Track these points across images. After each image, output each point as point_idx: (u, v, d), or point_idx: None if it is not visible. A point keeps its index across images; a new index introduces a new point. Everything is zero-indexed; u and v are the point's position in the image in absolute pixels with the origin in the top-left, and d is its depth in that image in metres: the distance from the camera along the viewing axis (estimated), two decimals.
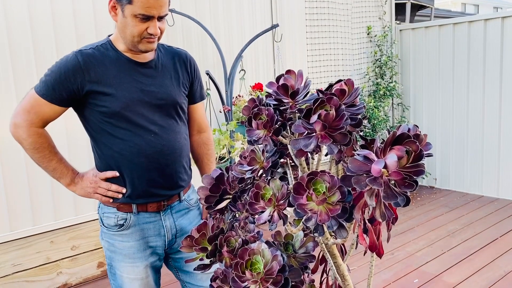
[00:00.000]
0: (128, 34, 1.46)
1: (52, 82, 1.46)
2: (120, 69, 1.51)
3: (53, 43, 2.93)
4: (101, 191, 1.55)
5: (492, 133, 4.81)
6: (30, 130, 1.49)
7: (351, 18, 5.10)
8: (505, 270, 3.13)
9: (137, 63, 1.54)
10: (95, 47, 1.52)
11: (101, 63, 1.49)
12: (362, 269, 3.18)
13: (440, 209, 4.58)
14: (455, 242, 3.68)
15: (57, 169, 1.55)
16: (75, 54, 1.48)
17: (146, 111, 1.52)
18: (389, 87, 5.27)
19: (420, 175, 0.81)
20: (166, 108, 1.57)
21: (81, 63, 1.46)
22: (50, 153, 1.54)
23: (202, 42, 3.74)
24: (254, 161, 1.00)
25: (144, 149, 1.52)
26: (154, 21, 1.44)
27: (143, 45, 1.48)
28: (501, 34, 4.61)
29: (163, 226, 1.61)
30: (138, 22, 1.43)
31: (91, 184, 1.56)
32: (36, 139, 1.50)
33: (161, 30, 1.49)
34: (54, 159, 1.54)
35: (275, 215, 0.94)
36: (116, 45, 1.53)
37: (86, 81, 1.46)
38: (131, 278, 1.57)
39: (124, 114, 1.49)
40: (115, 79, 1.49)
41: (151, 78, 1.55)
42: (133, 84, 1.51)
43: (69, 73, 1.45)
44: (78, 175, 1.59)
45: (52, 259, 3.04)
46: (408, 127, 0.88)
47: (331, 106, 0.88)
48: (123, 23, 1.46)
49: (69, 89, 1.46)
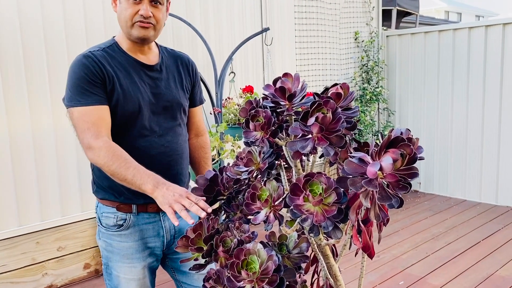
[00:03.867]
0: (123, 19, 1.49)
1: (82, 87, 1.43)
2: (129, 71, 1.52)
3: (64, 44, 2.92)
4: (186, 203, 1.26)
5: (475, 138, 4.91)
6: (98, 141, 1.41)
7: (339, 23, 5.16)
8: (488, 272, 3.20)
9: (144, 65, 1.56)
10: (103, 48, 1.52)
11: (111, 64, 1.49)
12: (349, 271, 3.21)
13: (425, 212, 4.66)
14: (439, 245, 3.74)
15: (136, 175, 1.37)
16: (87, 55, 1.48)
17: (152, 113, 1.54)
18: (376, 92, 5.34)
19: (414, 177, 0.83)
20: (172, 111, 1.59)
21: (96, 60, 1.46)
22: (126, 160, 1.41)
23: (192, 44, 3.75)
24: (251, 162, 1.02)
25: (148, 150, 1.53)
26: (145, 3, 1.46)
27: (136, 29, 1.48)
28: (484, 41, 4.72)
29: (162, 227, 1.61)
30: (131, 4, 1.46)
31: (176, 192, 1.31)
32: (107, 146, 1.41)
33: (156, 18, 1.49)
34: (131, 165, 1.40)
35: (271, 216, 0.96)
36: (121, 45, 1.55)
37: (105, 76, 1.46)
38: (128, 279, 1.56)
39: (132, 115, 1.50)
40: (125, 80, 1.50)
41: (157, 80, 1.57)
42: (142, 85, 1.53)
43: (90, 70, 1.44)
44: (161, 180, 1.38)
45: (37, 260, 3.00)
46: (400, 130, 0.90)
47: (328, 109, 0.90)
48: (119, 10, 1.49)
49: (97, 84, 1.45)
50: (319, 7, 4.80)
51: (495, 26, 4.66)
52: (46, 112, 2.95)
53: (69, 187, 3.10)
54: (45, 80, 2.94)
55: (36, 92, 2.91)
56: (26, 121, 2.88)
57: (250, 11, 4.22)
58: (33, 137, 2.91)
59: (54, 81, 2.96)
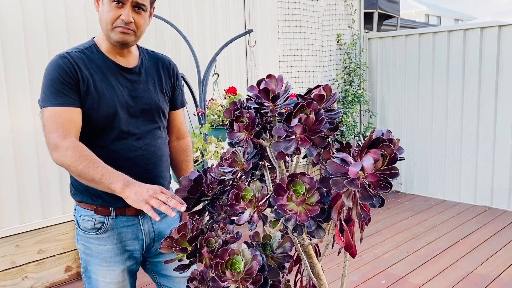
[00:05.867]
0: (104, 22, 1.47)
1: (55, 88, 1.42)
2: (107, 73, 1.50)
3: (45, 44, 2.87)
4: (162, 198, 1.26)
5: (454, 140, 5.01)
6: (65, 141, 1.38)
7: (322, 25, 5.21)
8: (466, 271, 3.27)
9: (122, 68, 1.54)
10: (81, 50, 1.51)
11: (88, 66, 1.48)
12: (332, 271, 3.24)
13: (405, 212, 4.73)
14: (419, 245, 3.81)
15: (105, 174, 1.35)
16: (63, 56, 1.46)
17: (130, 115, 1.53)
18: (357, 94, 5.40)
19: (394, 177, 0.85)
20: (150, 114, 1.58)
21: (72, 62, 1.45)
22: (93, 160, 1.37)
23: (176, 45, 3.73)
24: (235, 162, 1.03)
25: (126, 154, 1.51)
26: (127, 8, 1.44)
27: (116, 34, 1.46)
28: (463, 44, 4.83)
29: (141, 230, 1.60)
30: (113, 7, 1.44)
31: (150, 189, 1.30)
32: (74, 146, 1.38)
33: (137, 24, 1.47)
34: (99, 165, 1.37)
35: (255, 216, 0.97)
36: (100, 46, 1.53)
37: (79, 78, 1.45)
38: (107, 282, 1.55)
39: (109, 118, 1.48)
40: (102, 83, 1.48)
41: (136, 83, 1.56)
42: (119, 88, 1.51)
43: (65, 71, 1.43)
44: (131, 180, 1.36)
45: (17, 264, 2.95)
46: (382, 131, 0.92)
47: (311, 111, 0.92)
48: (101, 11, 1.47)
49: (71, 86, 1.43)
50: (302, 9, 4.84)
51: (473, 29, 4.76)
52: (26, 114, 2.91)
53: (50, 189, 3.06)
54: (25, 82, 2.89)
55: (16, 93, 2.86)
56: (6, 122, 2.83)
57: (234, 13, 4.22)
58: (13, 138, 2.86)
59: (34, 82, 2.92)
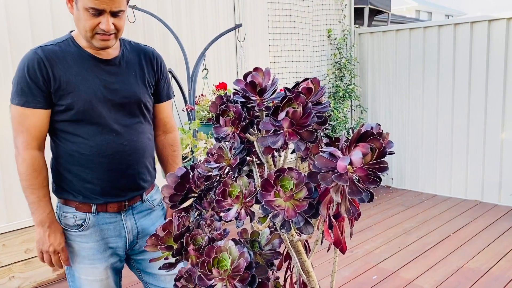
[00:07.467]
0: (81, 28, 1.42)
1: (22, 86, 1.40)
2: (83, 66, 1.46)
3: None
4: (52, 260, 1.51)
5: (445, 135, 5.02)
6: (25, 152, 1.43)
7: (312, 21, 5.18)
8: (457, 265, 3.28)
9: (100, 60, 1.49)
10: (56, 43, 1.46)
11: (63, 60, 1.43)
12: (323, 267, 3.23)
13: (396, 207, 4.74)
14: (411, 240, 3.81)
15: (35, 203, 1.48)
16: (35, 50, 1.42)
17: (109, 109, 1.48)
18: (348, 89, 5.39)
19: (383, 171, 0.83)
20: (130, 107, 1.53)
21: (43, 58, 1.40)
22: (37, 184, 1.47)
23: (164, 40, 3.69)
24: (222, 158, 1.00)
25: (105, 149, 1.47)
26: (106, 16, 1.39)
27: (97, 41, 1.43)
28: (453, 39, 4.83)
29: (124, 227, 1.57)
30: (90, 16, 1.38)
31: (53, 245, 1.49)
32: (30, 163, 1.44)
33: (117, 27, 1.43)
34: (38, 192, 1.47)
35: (242, 212, 0.94)
36: (78, 41, 1.48)
37: (50, 77, 1.41)
38: (91, 280, 1.52)
39: (86, 112, 1.44)
40: (77, 76, 1.44)
41: (114, 75, 1.51)
42: (96, 81, 1.46)
43: (33, 70, 1.39)
44: (49, 222, 1.49)
45: (4, 263, 2.90)
46: (371, 125, 0.90)
47: (298, 104, 0.89)
48: (77, 16, 1.42)
49: (39, 85, 1.40)
50: (292, 4, 4.81)
51: (463, 24, 4.77)
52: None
53: None
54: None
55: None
56: None
57: (223, 7, 4.18)
58: None
59: None
